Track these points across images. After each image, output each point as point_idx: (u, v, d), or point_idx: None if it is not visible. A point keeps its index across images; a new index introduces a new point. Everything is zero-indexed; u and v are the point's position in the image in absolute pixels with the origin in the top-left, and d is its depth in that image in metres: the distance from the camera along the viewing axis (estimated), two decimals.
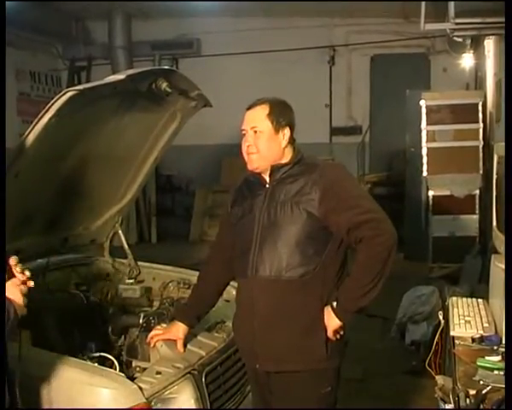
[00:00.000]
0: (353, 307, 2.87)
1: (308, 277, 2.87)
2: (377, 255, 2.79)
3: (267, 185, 3.00)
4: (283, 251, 2.88)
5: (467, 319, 3.36)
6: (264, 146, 2.95)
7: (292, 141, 3.03)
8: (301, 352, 2.91)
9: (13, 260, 2.41)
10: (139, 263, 4.38)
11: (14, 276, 2.39)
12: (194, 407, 3.04)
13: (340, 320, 2.87)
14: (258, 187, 3.02)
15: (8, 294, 2.36)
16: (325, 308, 2.90)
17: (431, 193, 9.50)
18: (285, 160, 3.00)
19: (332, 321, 2.88)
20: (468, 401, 2.49)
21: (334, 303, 2.87)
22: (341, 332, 2.93)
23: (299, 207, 2.87)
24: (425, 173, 9.52)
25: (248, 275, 2.96)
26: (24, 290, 2.41)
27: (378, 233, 2.79)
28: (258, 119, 2.96)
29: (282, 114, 2.99)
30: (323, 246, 2.89)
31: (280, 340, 2.91)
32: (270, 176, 3.00)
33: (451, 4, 6.89)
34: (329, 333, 2.89)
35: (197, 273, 3.52)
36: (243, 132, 3.00)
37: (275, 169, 2.98)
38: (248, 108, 3.01)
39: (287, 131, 2.99)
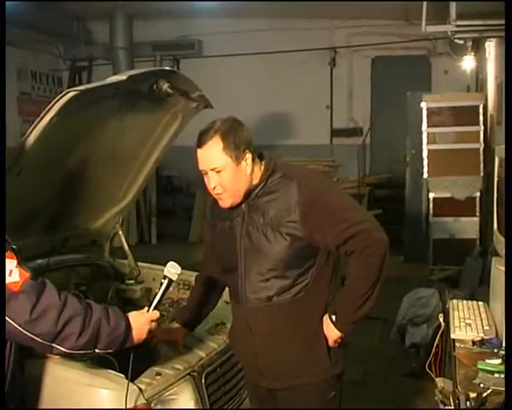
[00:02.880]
0: (352, 318, 2.82)
1: (301, 295, 2.80)
2: (370, 266, 2.72)
3: (243, 205, 2.82)
4: (271, 277, 2.78)
5: (467, 322, 3.36)
6: (230, 183, 2.73)
7: (255, 158, 2.80)
8: (307, 366, 2.87)
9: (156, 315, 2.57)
10: (139, 264, 4.38)
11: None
12: (193, 408, 3.04)
13: (339, 332, 2.83)
14: (234, 208, 2.84)
15: (134, 322, 2.45)
16: (324, 320, 2.85)
17: (431, 195, 9.50)
18: (256, 180, 2.79)
19: (332, 333, 2.84)
20: (468, 403, 2.49)
21: (333, 317, 2.82)
22: (342, 336, 2.89)
23: (282, 233, 2.72)
24: (425, 175, 9.52)
25: (240, 301, 2.89)
26: (152, 327, 2.54)
27: (368, 244, 2.69)
28: (214, 158, 2.70)
29: (236, 140, 2.71)
30: (312, 260, 2.81)
31: (284, 359, 2.87)
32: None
33: (453, 6, 6.88)
34: (331, 343, 2.86)
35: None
36: (203, 172, 2.78)
37: (246, 192, 2.80)
38: (199, 146, 2.73)
39: (248, 155, 2.74)
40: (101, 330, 2.32)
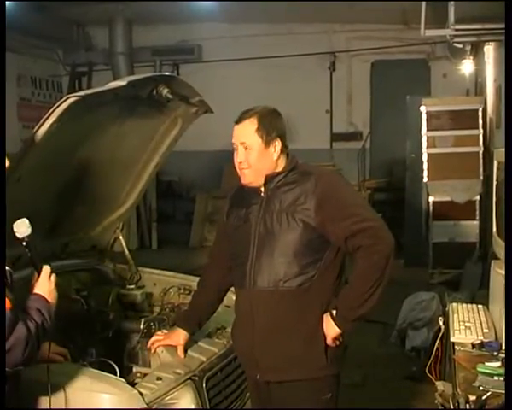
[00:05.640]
0: (352, 315, 2.87)
1: (306, 285, 2.87)
2: (375, 264, 2.79)
3: (262, 194, 2.99)
4: (280, 262, 2.87)
5: (467, 325, 3.37)
6: (255, 161, 2.92)
7: (284, 149, 2.99)
8: (302, 361, 2.91)
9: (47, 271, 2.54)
10: (140, 269, 4.38)
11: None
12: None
13: (339, 328, 2.87)
14: (254, 196, 3.01)
15: (44, 292, 2.46)
16: (324, 316, 2.90)
17: (431, 199, 9.51)
18: (279, 169, 2.98)
19: (331, 329, 2.88)
20: (468, 406, 2.49)
21: (334, 311, 2.87)
22: (340, 339, 2.93)
23: (295, 218, 2.85)
24: (425, 179, 9.54)
25: (246, 286, 2.96)
26: (54, 280, 2.54)
27: (375, 242, 2.79)
28: (246, 134, 2.92)
29: (271, 126, 2.93)
30: (321, 254, 2.89)
31: (280, 350, 2.91)
32: (264, 185, 2.98)
33: (451, 10, 6.91)
34: (329, 341, 2.90)
35: (197, 279, 3.52)
36: (234, 146, 2.97)
37: (269, 178, 2.96)
38: (237, 122, 2.96)
39: (278, 142, 2.95)
40: (43, 330, 2.37)
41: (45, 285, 2.50)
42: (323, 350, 2.90)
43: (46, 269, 2.55)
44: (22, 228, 2.51)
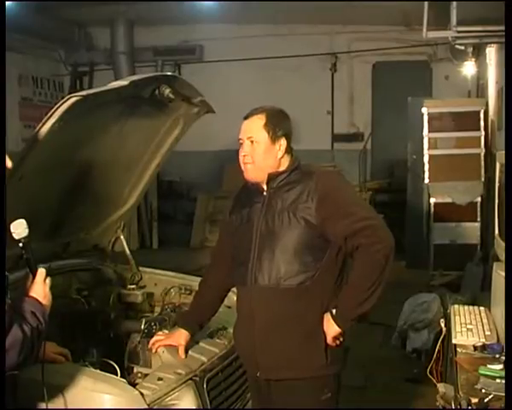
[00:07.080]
0: (352, 314, 2.89)
1: (306, 284, 2.89)
2: (374, 263, 2.80)
3: (264, 193, 3.02)
4: (281, 259, 2.90)
5: (469, 327, 3.37)
6: (260, 157, 2.97)
7: (289, 150, 3.04)
8: (301, 359, 2.93)
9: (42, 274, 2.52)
10: (141, 269, 4.38)
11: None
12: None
13: (339, 327, 2.88)
14: (256, 195, 3.04)
15: (39, 296, 2.44)
16: (324, 315, 2.91)
17: (432, 200, 9.52)
18: (282, 168, 3.02)
19: (331, 328, 2.89)
20: (470, 408, 2.49)
21: (334, 310, 2.88)
22: (341, 339, 2.94)
23: (297, 216, 2.88)
24: (426, 181, 9.55)
25: (247, 284, 2.98)
26: (48, 283, 2.53)
27: (375, 240, 2.80)
28: (254, 129, 2.98)
29: (278, 124, 3.00)
30: (322, 253, 2.91)
31: (280, 348, 2.93)
32: (267, 184, 3.01)
33: (453, 12, 6.91)
34: (329, 340, 2.91)
35: (198, 279, 3.52)
36: (240, 142, 3.02)
37: (272, 177, 3.00)
38: (245, 118, 3.04)
39: (283, 141, 3.00)
40: (37, 333, 2.35)
41: (40, 288, 2.49)
42: (323, 349, 2.92)
43: (41, 272, 2.54)
44: (19, 229, 2.48)
